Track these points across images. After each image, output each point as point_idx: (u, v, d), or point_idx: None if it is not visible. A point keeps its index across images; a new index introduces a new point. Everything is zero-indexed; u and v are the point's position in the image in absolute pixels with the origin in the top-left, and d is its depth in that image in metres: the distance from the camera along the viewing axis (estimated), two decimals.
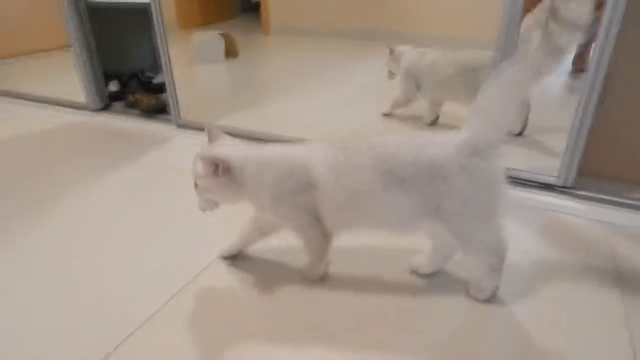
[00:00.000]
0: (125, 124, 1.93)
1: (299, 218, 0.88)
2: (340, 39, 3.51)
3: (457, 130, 0.82)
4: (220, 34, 2.96)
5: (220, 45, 2.94)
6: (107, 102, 2.06)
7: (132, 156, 1.60)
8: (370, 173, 0.81)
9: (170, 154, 1.64)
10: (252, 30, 4.14)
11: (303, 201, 0.86)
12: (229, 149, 0.88)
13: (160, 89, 2.18)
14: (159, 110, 1.99)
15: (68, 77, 2.09)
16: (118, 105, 2.09)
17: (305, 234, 0.91)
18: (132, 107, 2.05)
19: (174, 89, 1.75)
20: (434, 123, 1.82)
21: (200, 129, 1.77)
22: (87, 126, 1.93)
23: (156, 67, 2.21)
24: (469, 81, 1.59)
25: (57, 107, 2.13)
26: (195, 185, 0.88)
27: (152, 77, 2.21)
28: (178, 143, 1.72)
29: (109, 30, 2.07)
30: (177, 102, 1.78)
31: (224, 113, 1.92)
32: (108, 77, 2.09)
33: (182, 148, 1.68)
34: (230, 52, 3.03)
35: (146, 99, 2.05)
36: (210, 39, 2.94)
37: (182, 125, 1.81)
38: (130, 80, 2.20)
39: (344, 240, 0.93)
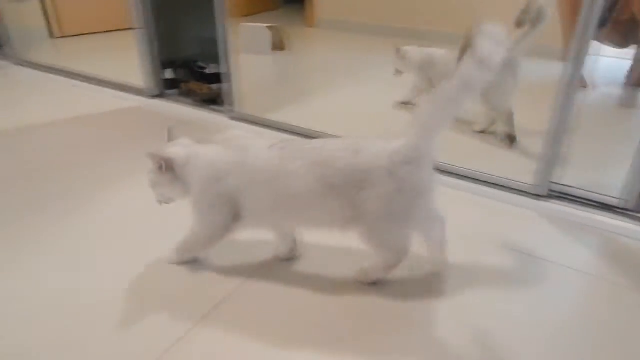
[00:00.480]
0: (179, 111, 1.99)
1: (211, 216, 0.94)
2: (385, 36, 3.49)
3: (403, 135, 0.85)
4: (268, 26, 2.99)
5: (268, 37, 2.97)
6: (162, 90, 2.12)
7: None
8: (303, 178, 0.85)
9: None
10: (295, 22, 4.16)
11: (226, 201, 0.91)
12: (176, 149, 0.95)
13: (213, 79, 2.23)
14: (211, 100, 2.04)
15: (127, 60, 2.16)
16: (171, 93, 2.15)
17: (201, 231, 0.96)
18: (186, 95, 2.11)
19: (232, 80, 1.78)
20: None
21: (252, 121, 1.81)
22: (143, 112, 2.00)
23: (207, 57, 2.26)
24: None
25: (114, 90, 2.21)
26: (148, 180, 0.97)
27: (204, 67, 2.26)
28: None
29: (166, 17, 2.11)
30: (234, 94, 1.81)
31: (272, 107, 1.95)
32: (163, 65, 2.15)
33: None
34: (278, 45, 3.06)
35: (199, 89, 2.10)
36: (258, 30, 2.97)
37: (235, 117, 1.85)
38: (183, 69, 2.26)
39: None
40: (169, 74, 2.15)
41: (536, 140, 1.33)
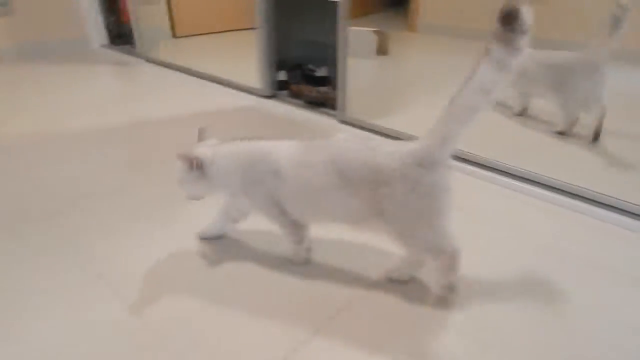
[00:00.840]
0: (290, 112, 2.07)
1: (265, 206, 1.00)
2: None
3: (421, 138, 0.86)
4: (373, 30, 3.00)
5: (374, 41, 2.98)
6: (275, 90, 2.22)
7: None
8: (322, 171, 0.90)
9: None
10: (397, 26, 4.13)
11: (266, 190, 0.97)
12: (205, 148, 1.01)
13: (323, 81, 2.30)
14: (320, 103, 2.10)
15: (240, 59, 2.29)
16: (282, 94, 2.24)
17: (275, 221, 1.03)
18: (295, 97, 2.19)
19: (346, 85, 1.82)
20: (521, 114, 1.93)
21: (360, 126, 1.83)
22: (257, 111, 2.11)
23: (317, 60, 2.33)
24: (550, 79, 1.70)
25: (229, 88, 2.36)
26: (178, 179, 1.03)
27: (314, 70, 2.33)
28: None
29: (283, 19, 2.21)
30: (343, 98, 1.85)
31: (379, 112, 1.96)
32: (277, 66, 2.26)
33: None
34: (382, 49, 3.07)
35: (309, 91, 2.17)
36: (365, 34, 3.00)
37: (344, 121, 1.88)
38: (294, 71, 2.35)
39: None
40: (282, 75, 2.25)
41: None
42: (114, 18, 3.33)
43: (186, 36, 3.54)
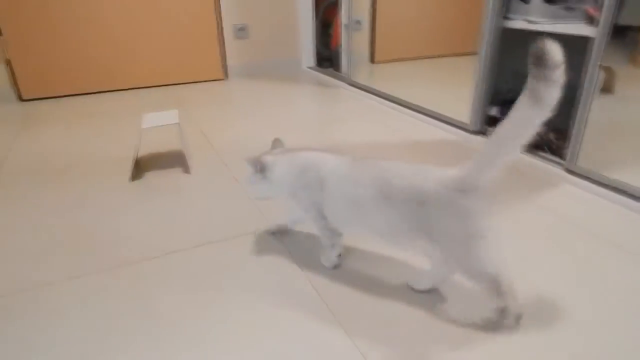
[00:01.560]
0: None
1: (308, 210, 1.13)
2: None
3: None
4: (599, 65, 2.62)
5: (600, 79, 2.60)
6: (485, 126, 2.09)
7: (506, 189, 1.57)
8: (366, 187, 1.00)
9: (558, 198, 1.52)
10: (619, 60, 3.57)
11: (311, 196, 1.10)
12: (269, 155, 1.17)
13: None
14: (537, 146, 1.89)
15: (442, 88, 2.21)
16: (491, 130, 2.09)
17: (314, 225, 1.15)
18: None
19: (584, 131, 1.59)
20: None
21: (594, 180, 1.57)
22: (462, 147, 2.01)
23: None
24: None
25: (429, 118, 2.30)
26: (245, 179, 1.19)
27: None
28: (569, 190, 1.58)
29: (504, 50, 2.06)
30: (580, 147, 1.61)
31: (614, 163, 1.66)
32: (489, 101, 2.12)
33: (574, 196, 1.53)
34: (607, 87, 2.66)
35: None
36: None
37: (572, 172, 1.64)
38: (505, 106, 2.17)
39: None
40: (494, 110, 2.10)
41: None
42: (324, 43, 3.60)
43: (384, 62, 3.63)
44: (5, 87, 2.86)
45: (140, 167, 1.78)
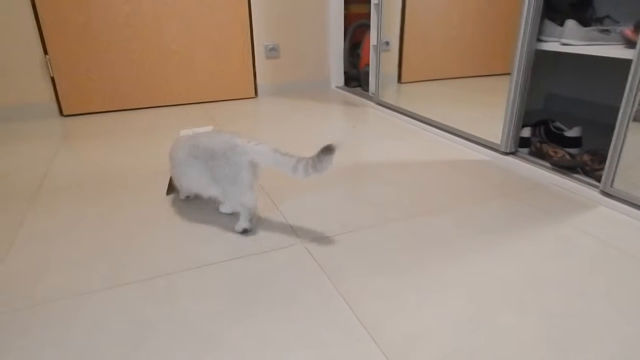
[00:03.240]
0: (532, 173, 1.89)
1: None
2: None
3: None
4: None
5: None
6: (516, 147, 2.07)
7: (541, 212, 1.53)
8: (183, 150, 1.46)
9: (594, 220, 1.49)
10: None
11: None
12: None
13: (573, 143, 2.05)
14: (570, 168, 1.86)
15: (470, 108, 2.20)
16: (523, 152, 2.07)
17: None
18: (537, 156, 1.99)
19: (621, 154, 1.56)
20: None
21: (632, 203, 1.53)
22: (494, 167, 1.99)
23: (564, 116, 2.08)
24: None
25: (456, 137, 2.29)
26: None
27: (562, 129, 2.10)
28: (604, 212, 1.54)
29: (536, 75, 2.05)
30: (616, 169, 1.58)
31: None
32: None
33: (611, 219, 1.49)
34: None
35: (554, 152, 1.95)
36: None
37: (608, 194, 1.61)
38: (537, 127, 2.15)
39: None
40: (526, 131, 2.08)
41: None
42: (352, 63, 3.65)
43: (412, 82, 3.65)
44: (49, 103, 3.00)
45: None
